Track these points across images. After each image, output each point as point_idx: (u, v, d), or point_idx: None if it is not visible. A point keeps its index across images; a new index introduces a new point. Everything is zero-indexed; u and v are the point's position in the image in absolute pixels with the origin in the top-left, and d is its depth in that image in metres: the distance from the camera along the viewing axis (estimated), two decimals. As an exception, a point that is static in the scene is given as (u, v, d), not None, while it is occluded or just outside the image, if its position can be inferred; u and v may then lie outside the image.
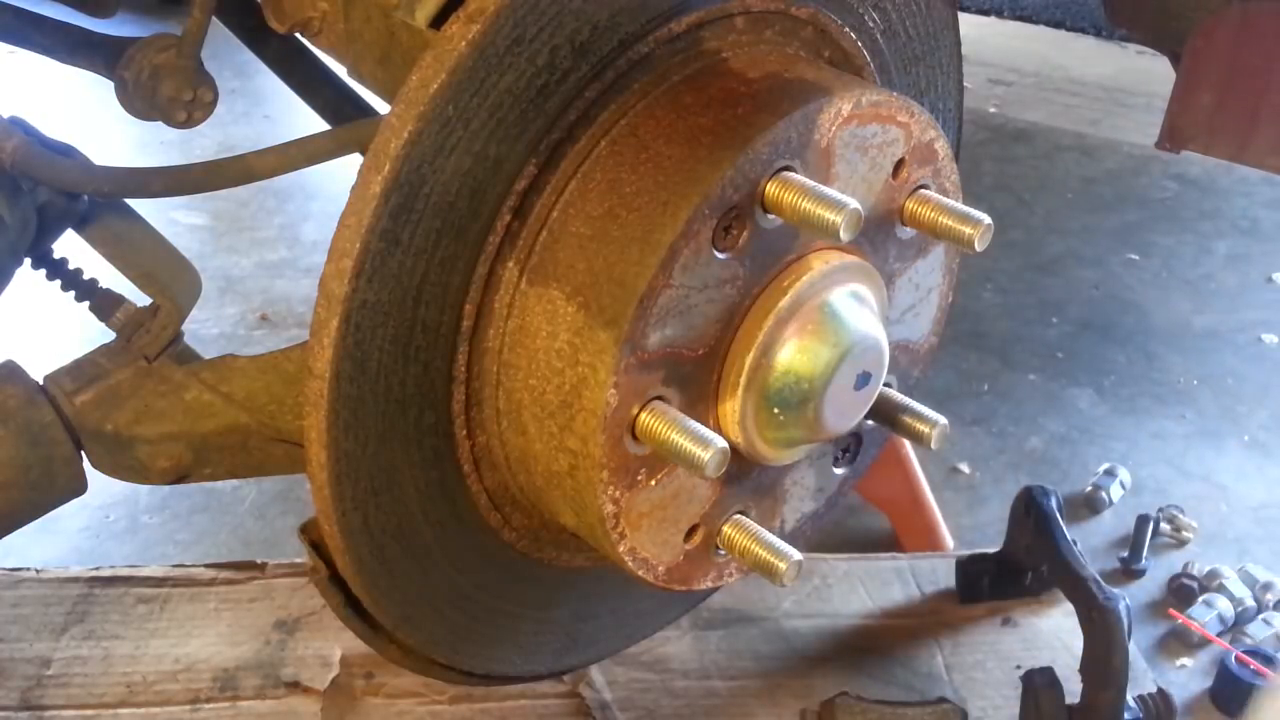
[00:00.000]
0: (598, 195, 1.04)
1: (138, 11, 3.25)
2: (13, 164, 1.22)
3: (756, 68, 1.08)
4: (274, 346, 1.29)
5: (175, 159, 1.37)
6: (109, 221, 1.33)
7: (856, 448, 1.25)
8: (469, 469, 1.13)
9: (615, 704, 1.69)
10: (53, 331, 2.02)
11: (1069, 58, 4.59)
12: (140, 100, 1.36)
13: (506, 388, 1.08)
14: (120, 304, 1.29)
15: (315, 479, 1.05)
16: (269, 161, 1.26)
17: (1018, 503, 1.85)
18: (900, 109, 1.09)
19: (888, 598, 1.92)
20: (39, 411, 1.24)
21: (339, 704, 1.68)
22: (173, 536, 2.34)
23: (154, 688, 1.69)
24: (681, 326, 1.02)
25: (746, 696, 1.74)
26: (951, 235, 1.10)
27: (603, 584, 1.33)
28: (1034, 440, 2.67)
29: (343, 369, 1.01)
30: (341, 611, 1.17)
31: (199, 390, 1.26)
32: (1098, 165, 3.78)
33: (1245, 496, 2.54)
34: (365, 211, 0.97)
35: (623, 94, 1.05)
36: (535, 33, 0.99)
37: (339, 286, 0.98)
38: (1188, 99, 2.03)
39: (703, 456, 0.99)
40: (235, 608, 1.81)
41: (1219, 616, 2.17)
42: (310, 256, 3.18)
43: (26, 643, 1.74)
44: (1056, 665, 1.63)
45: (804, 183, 1.01)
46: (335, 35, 1.24)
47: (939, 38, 1.31)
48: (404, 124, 0.96)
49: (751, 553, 1.11)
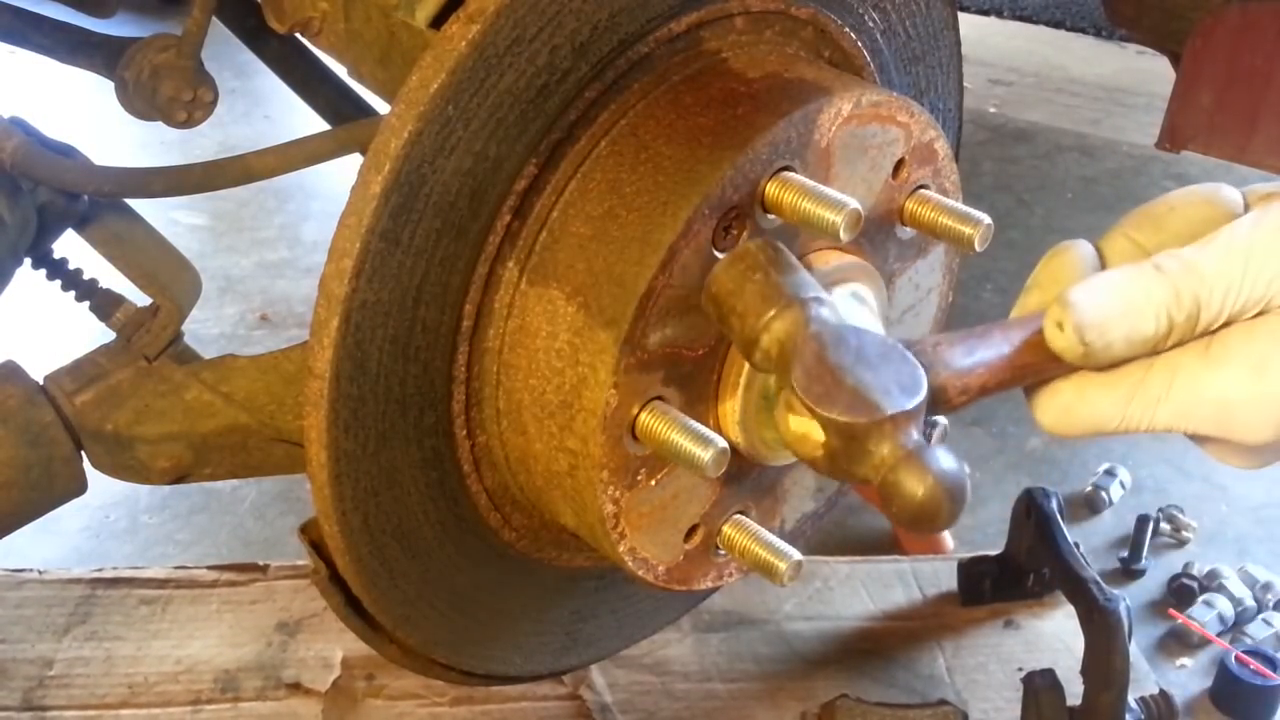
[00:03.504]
0: (598, 195, 1.04)
1: (138, 11, 3.26)
2: (13, 164, 1.22)
3: (756, 68, 1.08)
4: (274, 346, 1.29)
5: (175, 159, 1.37)
6: (109, 221, 1.33)
7: (857, 448, 1.25)
8: (469, 469, 1.13)
9: (616, 706, 1.69)
10: (53, 331, 2.01)
11: (1069, 58, 4.59)
12: (140, 100, 1.36)
13: (506, 388, 1.08)
14: (120, 304, 1.29)
15: (315, 479, 1.05)
16: (269, 161, 1.25)
17: (1019, 505, 1.85)
18: (900, 109, 1.09)
19: (889, 600, 1.92)
20: (39, 411, 1.24)
21: (340, 705, 1.68)
22: (173, 536, 2.34)
23: (155, 689, 1.69)
24: (681, 326, 1.02)
25: (747, 699, 1.75)
26: (951, 235, 1.10)
27: (603, 584, 1.33)
28: (1034, 440, 2.67)
29: (343, 369, 1.01)
30: (341, 611, 1.17)
31: (199, 390, 1.26)
32: (1098, 165, 3.78)
33: (1245, 496, 2.55)
34: (365, 211, 0.97)
35: (623, 94, 1.05)
36: (535, 33, 0.99)
37: (339, 286, 0.98)
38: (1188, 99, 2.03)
39: (703, 456, 0.99)
40: (237, 609, 1.81)
41: (1219, 616, 2.17)
42: (310, 256, 3.19)
43: (29, 643, 1.74)
44: (1058, 667, 1.63)
45: (804, 183, 1.01)
46: (335, 35, 1.24)
47: (939, 38, 1.31)
48: (404, 124, 0.96)
49: (751, 552, 1.11)
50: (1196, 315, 0.88)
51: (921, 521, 0.87)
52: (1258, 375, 0.89)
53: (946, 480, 0.87)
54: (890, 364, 0.92)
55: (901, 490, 0.87)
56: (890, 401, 0.89)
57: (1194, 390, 0.90)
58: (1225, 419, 0.91)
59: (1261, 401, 0.89)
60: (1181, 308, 0.88)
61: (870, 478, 0.89)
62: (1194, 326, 0.89)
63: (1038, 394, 0.97)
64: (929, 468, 0.87)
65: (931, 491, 0.86)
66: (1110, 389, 0.93)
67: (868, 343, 0.93)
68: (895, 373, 0.91)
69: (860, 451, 0.89)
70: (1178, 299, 0.87)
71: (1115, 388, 0.93)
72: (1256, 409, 0.90)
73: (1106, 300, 0.88)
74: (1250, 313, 0.89)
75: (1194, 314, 0.88)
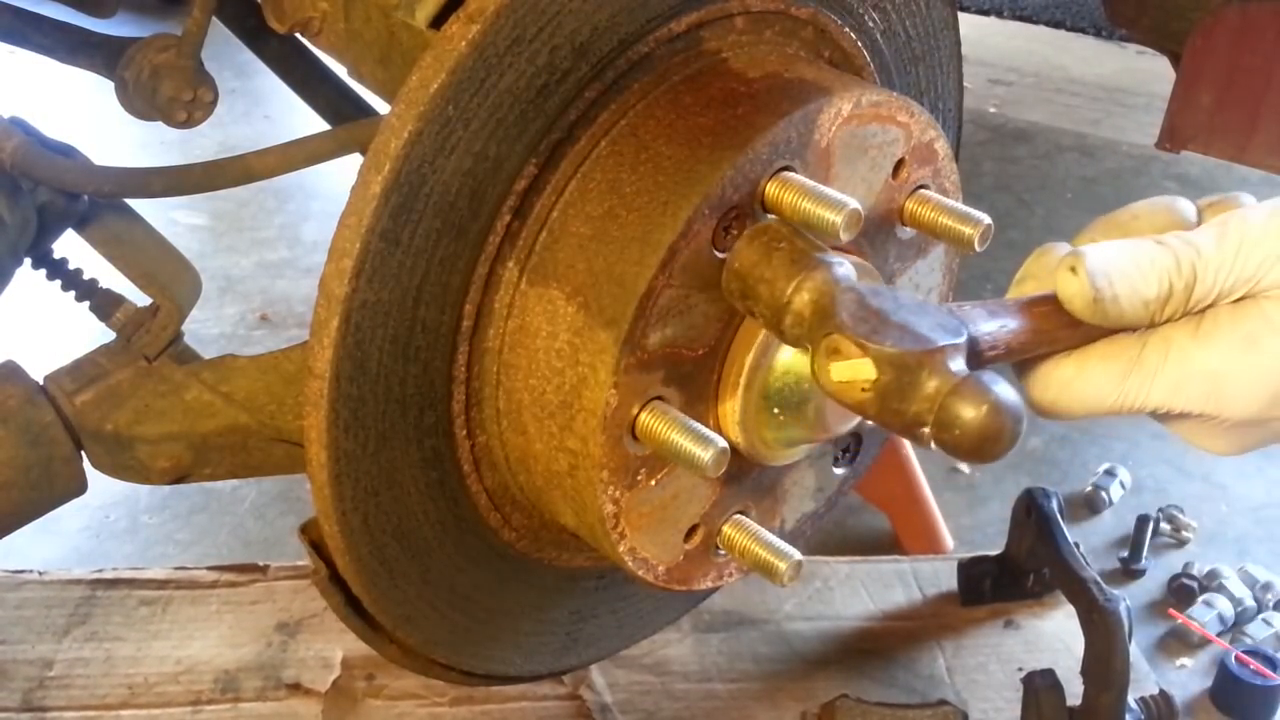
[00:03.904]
0: (598, 195, 1.04)
1: (138, 11, 3.26)
2: (13, 164, 1.22)
3: (756, 68, 1.08)
4: (274, 346, 1.29)
5: (175, 159, 1.37)
6: (109, 221, 1.33)
7: (856, 448, 1.25)
8: (469, 469, 1.13)
9: (616, 706, 1.69)
10: (53, 331, 2.02)
11: (1069, 58, 4.59)
12: (140, 100, 1.36)
13: (506, 388, 1.08)
14: (120, 304, 1.29)
15: (315, 479, 1.05)
16: (269, 161, 1.25)
17: (1019, 505, 1.85)
18: (900, 109, 1.09)
19: (889, 600, 1.92)
20: (39, 411, 1.23)
21: (340, 706, 1.68)
22: (173, 536, 2.34)
23: (155, 689, 1.69)
24: (681, 326, 1.02)
25: (747, 699, 1.75)
26: (951, 235, 1.10)
27: (603, 584, 1.33)
28: (1034, 440, 2.67)
29: (343, 369, 1.01)
30: (341, 611, 1.17)
31: (199, 390, 1.26)
32: (1098, 165, 3.78)
33: (1245, 496, 2.55)
34: (365, 211, 0.97)
35: (622, 94, 1.05)
36: (535, 33, 0.99)
37: (339, 286, 0.98)
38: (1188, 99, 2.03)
39: (703, 456, 0.99)
40: (237, 610, 1.81)
41: (1219, 616, 2.17)
42: (310, 256, 3.19)
43: (29, 644, 1.74)
44: (1058, 667, 1.63)
45: (804, 183, 1.01)
46: (335, 35, 1.24)
47: (939, 38, 1.31)
48: (404, 124, 0.96)
49: (751, 552, 1.11)
50: (1193, 285, 0.95)
51: (985, 444, 0.87)
52: (1247, 349, 0.95)
53: (1005, 402, 0.88)
54: (927, 312, 0.94)
55: (961, 416, 0.87)
56: (939, 335, 0.91)
57: (1187, 364, 0.96)
58: (1216, 392, 0.96)
59: (1251, 374, 0.95)
60: (1181, 275, 0.94)
61: (924, 411, 0.89)
62: (1189, 297, 0.95)
63: (1036, 371, 1.01)
64: (987, 390, 0.87)
65: (992, 412, 0.87)
66: (1109, 362, 0.98)
67: (902, 296, 0.96)
68: (934, 318, 0.93)
69: (914, 383, 0.89)
70: (1178, 266, 0.94)
71: (1114, 361, 0.98)
72: (1246, 382, 0.95)
73: (1115, 256, 0.95)
74: (1238, 293, 0.96)
75: (1190, 283, 0.94)
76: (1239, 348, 0.95)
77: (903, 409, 0.90)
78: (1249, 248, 0.95)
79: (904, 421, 0.91)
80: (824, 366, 0.94)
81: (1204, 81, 2.00)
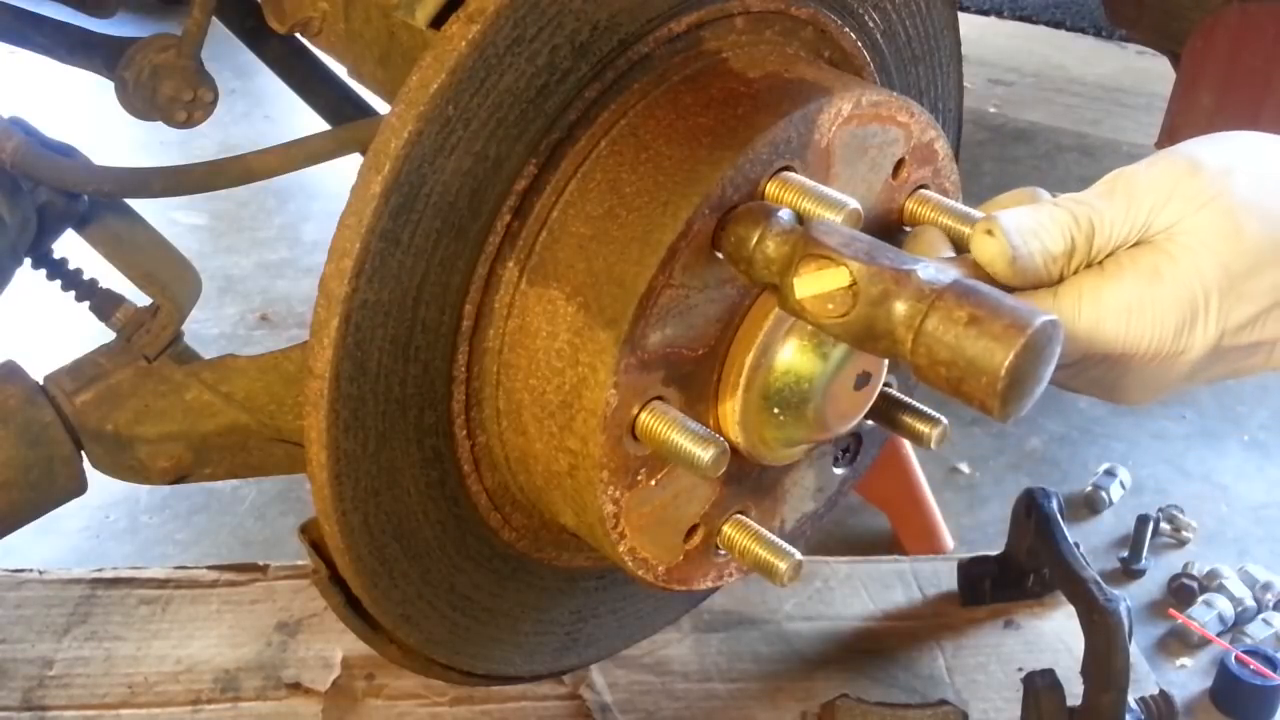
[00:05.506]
0: (598, 195, 1.04)
1: (138, 11, 3.25)
2: (13, 164, 1.22)
3: (756, 68, 1.08)
4: (274, 346, 1.29)
5: (175, 159, 1.37)
6: (109, 221, 1.33)
7: (856, 448, 1.25)
8: (469, 469, 1.13)
9: (616, 706, 1.69)
10: (53, 331, 2.01)
11: (1069, 58, 4.59)
12: (140, 100, 1.35)
13: (506, 388, 1.08)
14: (120, 304, 1.29)
15: (315, 479, 1.05)
16: (269, 161, 1.25)
17: (1019, 505, 1.85)
18: (900, 109, 1.09)
19: (889, 600, 1.92)
20: (39, 411, 1.23)
21: (340, 705, 1.68)
22: (173, 536, 2.34)
23: (155, 688, 1.70)
24: (681, 326, 1.02)
25: (747, 699, 1.75)
26: (951, 235, 1.10)
27: (603, 584, 1.33)
28: (1034, 440, 2.67)
29: (343, 369, 1.01)
30: (341, 611, 1.17)
31: (199, 390, 1.26)
32: (1098, 165, 3.78)
33: (1245, 496, 2.54)
34: (365, 211, 0.97)
35: (623, 94, 1.05)
36: (535, 33, 0.99)
37: (339, 286, 0.98)
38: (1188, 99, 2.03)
39: (703, 456, 0.99)
40: (237, 609, 1.81)
41: (1219, 616, 2.17)
42: (310, 256, 3.18)
43: (29, 643, 1.74)
44: (1058, 667, 1.63)
45: (804, 182, 1.01)
46: (335, 35, 1.24)
47: (939, 38, 1.31)
48: (404, 124, 0.96)
49: (751, 552, 1.11)
50: (1092, 237, 1.03)
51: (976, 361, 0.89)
52: (1152, 281, 1.02)
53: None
54: (887, 248, 0.96)
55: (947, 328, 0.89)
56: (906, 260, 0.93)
57: (1100, 303, 1.02)
58: (1129, 325, 1.03)
59: (1159, 305, 1.02)
60: (1080, 229, 1.02)
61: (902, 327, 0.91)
62: (1090, 249, 1.03)
63: None
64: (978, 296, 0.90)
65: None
66: None
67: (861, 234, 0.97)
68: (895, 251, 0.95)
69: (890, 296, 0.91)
70: (1075, 221, 1.03)
71: None
72: (1155, 312, 1.02)
73: (1021, 217, 1.02)
74: (1131, 240, 1.04)
75: (1090, 235, 1.03)
76: (1144, 281, 1.02)
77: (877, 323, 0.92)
78: (1139, 196, 1.03)
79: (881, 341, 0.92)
80: (790, 284, 0.95)
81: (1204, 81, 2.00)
